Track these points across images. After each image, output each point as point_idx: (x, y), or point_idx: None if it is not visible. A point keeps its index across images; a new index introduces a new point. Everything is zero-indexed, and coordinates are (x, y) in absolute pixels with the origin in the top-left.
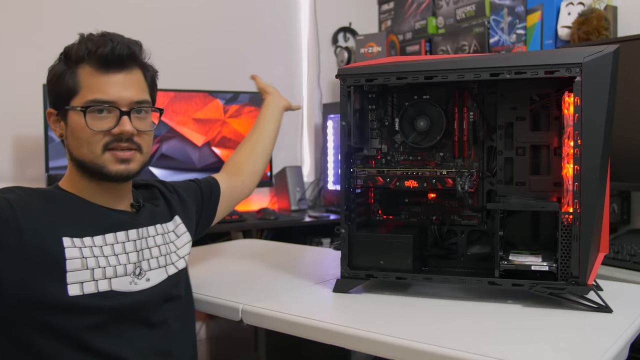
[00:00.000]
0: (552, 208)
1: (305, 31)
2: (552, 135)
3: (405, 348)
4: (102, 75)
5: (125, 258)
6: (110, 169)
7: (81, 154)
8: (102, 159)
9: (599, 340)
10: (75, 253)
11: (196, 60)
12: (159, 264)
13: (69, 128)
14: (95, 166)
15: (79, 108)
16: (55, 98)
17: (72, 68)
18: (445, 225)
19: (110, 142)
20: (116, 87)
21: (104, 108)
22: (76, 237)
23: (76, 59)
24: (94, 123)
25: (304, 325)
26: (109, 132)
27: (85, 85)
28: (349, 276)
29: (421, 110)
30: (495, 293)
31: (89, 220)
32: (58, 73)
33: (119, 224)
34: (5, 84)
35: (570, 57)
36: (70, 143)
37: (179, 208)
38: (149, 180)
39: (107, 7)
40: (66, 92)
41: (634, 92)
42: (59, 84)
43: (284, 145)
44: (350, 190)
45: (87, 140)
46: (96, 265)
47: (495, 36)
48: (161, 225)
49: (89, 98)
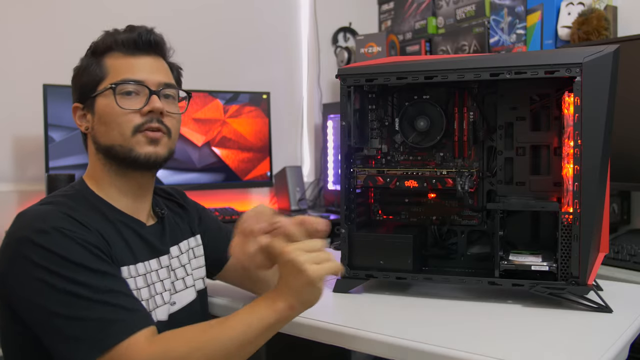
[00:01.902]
0: (552, 208)
1: (305, 31)
2: (552, 135)
3: (405, 348)
4: (129, 58)
5: (161, 286)
6: (140, 151)
7: (110, 139)
8: (131, 141)
9: (599, 340)
10: (131, 285)
11: (196, 60)
12: (186, 284)
13: (97, 115)
14: (124, 149)
15: (108, 86)
16: (80, 91)
17: (98, 59)
18: (445, 225)
19: (141, 124)
20: (144, 68)
21: (132, 88)
22: (130, 264)
23: (102, 50)
24: (124, 102)
25: (304, 325)
26: (139, 113)
27: (112, 69)
28: (349, 276)
29: (421, 110)
30: (495, 293)
31: (132, 242)
32: (83, 67)
33: (153, 248)
34: (5, 84)
35: (570, 57)
36: (98, 130)
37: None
38: (166, 189)
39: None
40: (92, 81)
41: (634, 92)
42: (85, 76)
43: (284, 145)
44: (350, 190)
45: (117, 122)
46: (148, 296)
47: (495, 36)
48: (184, 242)
49: (117, 79)
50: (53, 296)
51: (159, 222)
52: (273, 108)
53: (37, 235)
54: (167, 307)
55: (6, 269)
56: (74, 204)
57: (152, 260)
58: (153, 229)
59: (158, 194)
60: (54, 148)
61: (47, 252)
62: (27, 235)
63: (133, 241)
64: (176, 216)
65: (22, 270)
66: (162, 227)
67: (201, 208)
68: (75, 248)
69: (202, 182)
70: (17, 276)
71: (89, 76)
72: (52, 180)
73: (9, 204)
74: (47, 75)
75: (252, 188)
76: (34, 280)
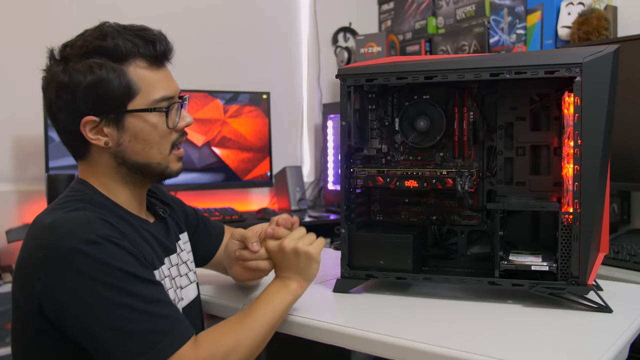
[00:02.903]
0: (552, 208)
1: (305, 31)
2: (552, 135)
3: (405, 348)
4: (156, 70)
5: (174, 283)
6: (173, 168)
7: (147, 157)
8: (168, 159)
9: (599, 340)
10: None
11: (196, 60)
12: (190, 279)
13: (129, 132)
14: (160, 167)
15: (161, 108)
16: (99, 104)
17: (120, 69)
18: (445, 225)
19: (177, 140)
20: (171, 81)
21: (176, 104)
22: (157, 268)
23: (123, 58)
24: (169, 122)
25: (304, 325)
26: (174, 130)
27: (143, 83)
28: (349, 276)
29: (421, 110)
30: (495, 293)
31: (153, 245)
32: (102, 77)
33: (165, 248)
34: (5, 84)
35: (570, 57)
36: (130, 148)
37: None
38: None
39: (106, 10)
40: (119, 95)
41: (634, 92)
42: (107, 88)
43: (284, 145)
44: (350, 190)
45: (158, 142)
46: (174, 297)
47: (495, 36)
48: (180, 240)
49: (156, 97)
50: (109, 309)
51: (160, 221)
52: (273, 108)
53: (87, 245)
54: (180, 304)
55: (53, 283)
56: (98, 208)
57: (165, 259)
58: (157, 227)
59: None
60: (54, 148)
61: (100, 263)
62: (75, 246)
63: (152, 243)
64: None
65: (75, 284)
66: (166, 226)
67: (180, 202)
68: (126, 257)
69: (202, 182)
70: (69, 290)
71: (112, 89)
72: (52, 180)
73: (9, 204)
74: None
75: (252, 188)
76: (88, 293)
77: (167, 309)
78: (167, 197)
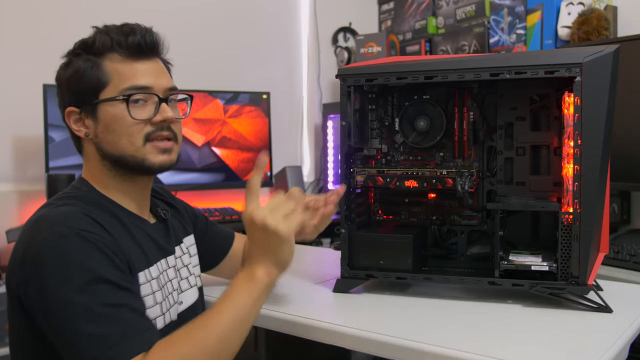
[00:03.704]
0: (552, 208)
1: (305, 31)
2: (552, 135)
3: (405, 348)
4: (133, 63)
5: (171, 286)
6: (153, 160)
7: (119, 148)
8: (142, 151)
9: (599, 340)
10: (147, 290)
11: (196, 60)
12: (190, 284)
13: (102, 123)
14: (136, 159)
15: (120, 97)
16: (77, 95)
17: (96, 61)
18: (445, 225)
19: (151, 133)
20: (150, 74)
21: (142, 97)
22: (145, 268)
23: (100, 51)
24: (135, 112)
25: (304, 325)
26: (149, 122)
27: (116, 74)
28: (349, 276)
29: (421, 110)
30: (495, 293)
31: (144, 244)
32: (79, 69)
33: (162, 248)
34: (5, 84)
35: (570, 57)
36: (104, 138)
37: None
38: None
39: (106, 8)
40: (93, 86)
41: (634, 92)
42: (82, 79)
43: (284, 145)
44: (350, 190)
45: (127, 132)
46: (162, 299)
47: (495, 36)
48: (183, 242)
49: (124, 86)
50: (66, 306)
51: (161, 222)
52: (273, 108)
53: (57, 239)
54: (177, 307)
55: (26, 277)
56: (88, 204)
57: (162, 261)
58: (156, 228)
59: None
60: (54, 148)
61: (65, 257)
62: (46, 240)
63: (145, 243)
64: (172, 217)
65: (40, 279)
66: (166, 227)
67: (189, 206)
68: (95, 254)
69: (202, 182)
70: (36, 284)
71: (87, 80)
72: (52, 180)
73: (9, 204)
74: (47, 76)
75: None
76: (49, 288)
77: (128, 315)
78: (175, 199)
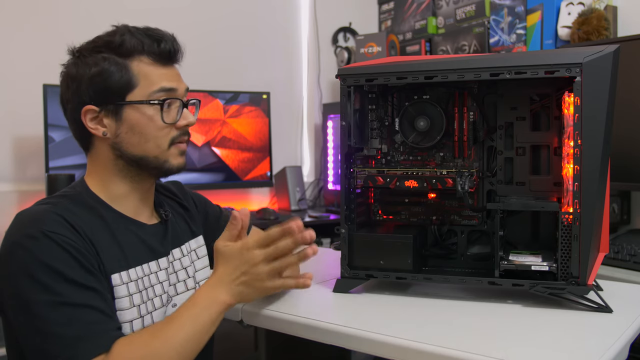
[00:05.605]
0: (552, 208)
1: (305, 31)
2: (552, 135)
3: (405, 348)
4: (160, 67)
5: (160, 288)
6: (173, 162)
7: (144, 150)
8: (167, 153)
9: (599, 340)
10: (123, 291)
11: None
12: (187, 286)
13: (126, 124)
14: (159, 161)
15: (156, 102)
16: (101, 94)
17: (123, 62)
18: (445, 225)
19: (177, 137)
20: (173, 79)
21: (170, 101)
22: (122, 270)
23: (129, 53)
24: (164, 116)
25: (304, 325)
26: (174, 125)
27: (143, 77)
28: (349, 276)
29: (421, 110)
30: (495, 293)
31: (128, 246)
32: (106, 69)
33: (152, 250)
34: (5, 84)
35: (570, 57)
36: (126, 139)
37: (201, 225)
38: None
39: (105, 8)
40: (121, 87)
41: (634, 92)
42: (109, 80)
43: (284, 145)
44: (350, 190)
45: (155, 135)
46: (140, 301)
47: (495, 36)
48: (186, 245)
49: (152, 89)
50: (30, 305)
51: (162, 223)
52: (273, 108)
53: (27, 240)
54: (164, 310)
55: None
56: (72, 205)
57: (151, 263)
58: (154, 229)
59: (160, 192)
60: (54, 148)
61: (32, 258)
62: (17, 239)
63: (130, 245)
64: (179, 218)
65: (8, 278)
66: (165, 229)
67: (204, 205)
68: (63, 256)
69: (202, 182)
70: (4, 284)
71: (114, 80)
72: (52, 180)
73: (9, 204)
74: (47, 75)
75: (252, 188)
76: (16, 288)
77: (91, 316)
78: (189, 198)
